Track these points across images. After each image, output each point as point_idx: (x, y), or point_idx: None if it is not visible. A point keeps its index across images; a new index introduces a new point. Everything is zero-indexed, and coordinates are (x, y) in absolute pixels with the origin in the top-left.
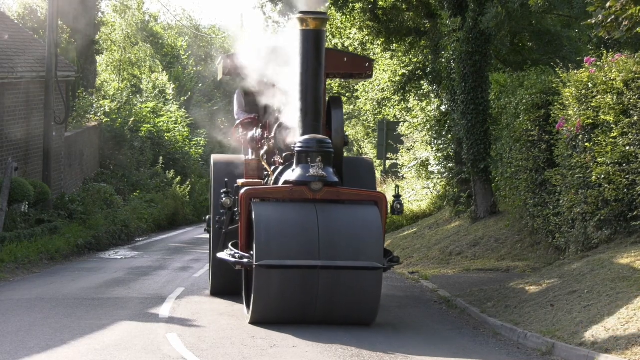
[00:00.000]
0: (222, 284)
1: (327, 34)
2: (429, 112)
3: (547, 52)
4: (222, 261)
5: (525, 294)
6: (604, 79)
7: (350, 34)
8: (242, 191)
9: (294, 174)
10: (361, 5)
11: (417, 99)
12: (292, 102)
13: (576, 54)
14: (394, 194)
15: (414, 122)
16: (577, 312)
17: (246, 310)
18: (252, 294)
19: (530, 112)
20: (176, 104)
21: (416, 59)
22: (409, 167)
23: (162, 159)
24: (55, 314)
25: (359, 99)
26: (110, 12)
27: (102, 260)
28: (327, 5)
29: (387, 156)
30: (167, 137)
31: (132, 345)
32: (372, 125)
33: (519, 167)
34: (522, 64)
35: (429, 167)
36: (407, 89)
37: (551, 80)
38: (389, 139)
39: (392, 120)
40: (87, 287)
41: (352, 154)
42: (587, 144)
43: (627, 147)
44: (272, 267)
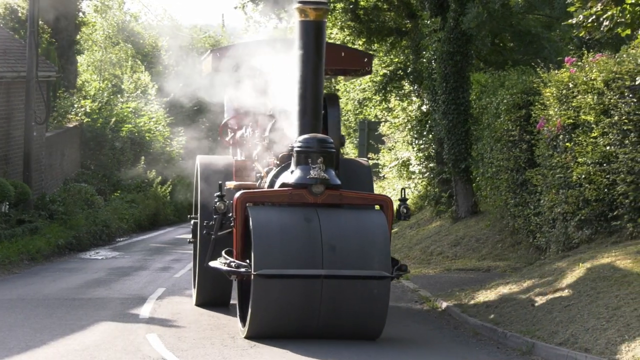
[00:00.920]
0: (210, 295)
1: None
2: (410, 112)
3: (528, 52)
4: (211, 270)
5: (505, 293)
6: (585, 79)
7: (331, 34)
8: (237, 195)
9: (293, 176)
10: (342, 5)
11: (398, 98)
12: (290, 99)
13: (557, 54)
14: (400, 198)
15: (395, 122)
16: (557, 312)
17: (240, 324)
18: (249, 306)
19: (511, 112)
20: (157, 104)
21: (397, 59)
22: (390, 167)
23: (143, 159)
24: (35, 314)
25: (340, 98)
26: (91, 12)
27: (82, 260)
28: None
29: (369, 156)
30: (147, 137)
31: (112, 345)
32: (353, 125)
33: (499, 167)
34: (503, 64)
35: (410, 167)
36: (388, 89)
37: (532, 80)
38: (370, 139)
39: (373, 120)
40: (68, 287)
41: None
42: (567, 144)
43: (608, 147)
44: (272, 276)
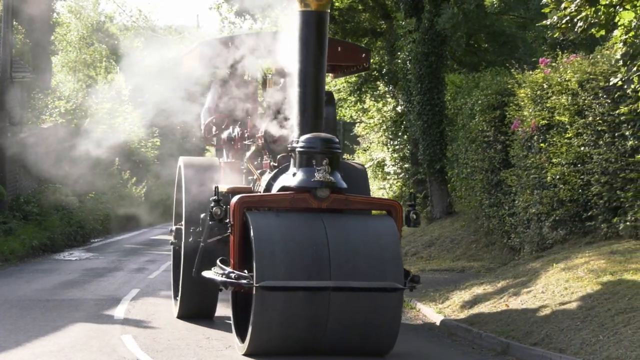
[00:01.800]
0: (196, 308)
1: None
2: (385, 113)
3: (502, 53)
4: (197, 281)
5: (480, 294)
6: (559, 79)
7: None
8: (234, 199)
9: (295, 179)
10: None
11: (373, 99)
12: (289, 95)
13: (531, 55)
14: (409, 202)
15: (370, 123)
16: (532, 312)
17: (238, 340)
18: (249, 321)
19: (485, 113)
20: (132, 105)
21: (372, 60)
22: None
23: (118, 160)
24: (9, 315)
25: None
26: (65, 12)
27: (57, 261)
28: None
29: (344, 157)
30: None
31: (87, 346)
32: None
33: (474, 168)
34: (478, 65)
35: (385, 167)
36: (363, 90)
37: (506, 81)
38: (345, 139)
39: (348, 121)
40: (42, 288)
41: None
42: (542, 145)
43: (582, 148)
44: (276, 288)
